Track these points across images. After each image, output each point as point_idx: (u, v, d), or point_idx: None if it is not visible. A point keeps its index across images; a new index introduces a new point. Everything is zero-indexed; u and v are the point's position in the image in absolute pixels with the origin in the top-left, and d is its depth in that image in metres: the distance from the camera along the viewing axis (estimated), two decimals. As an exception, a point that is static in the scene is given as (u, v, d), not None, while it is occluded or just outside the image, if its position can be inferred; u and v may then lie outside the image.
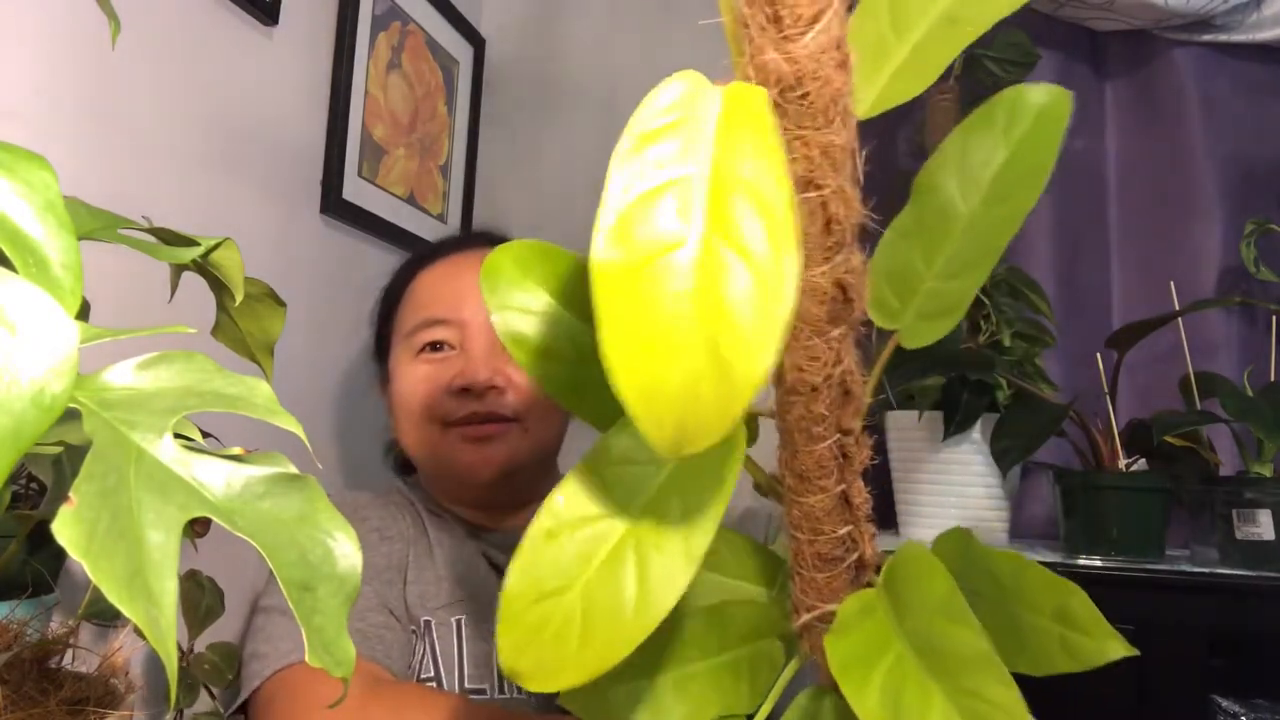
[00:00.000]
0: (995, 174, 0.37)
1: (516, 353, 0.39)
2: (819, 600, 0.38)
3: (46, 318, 0.24)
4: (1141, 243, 1.32)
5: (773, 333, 0.24)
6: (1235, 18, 1.24)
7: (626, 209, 0.25)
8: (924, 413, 1.08)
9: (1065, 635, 0.36)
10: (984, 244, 0.38)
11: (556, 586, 0.31)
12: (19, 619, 0.50)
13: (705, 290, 0.25)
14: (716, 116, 0.26)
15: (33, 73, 0.78)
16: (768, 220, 0.25)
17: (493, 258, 0.39)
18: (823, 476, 0.36)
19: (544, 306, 0.40)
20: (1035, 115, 0.38)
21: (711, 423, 0.25)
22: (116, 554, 0.24)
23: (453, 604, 0.88)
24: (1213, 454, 1.07)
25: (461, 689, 0.84)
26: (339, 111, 1.18)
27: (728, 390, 0.25)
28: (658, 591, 0.31)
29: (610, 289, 0.25)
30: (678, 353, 0.25)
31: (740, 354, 0.24)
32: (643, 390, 0.25)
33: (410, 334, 0.94)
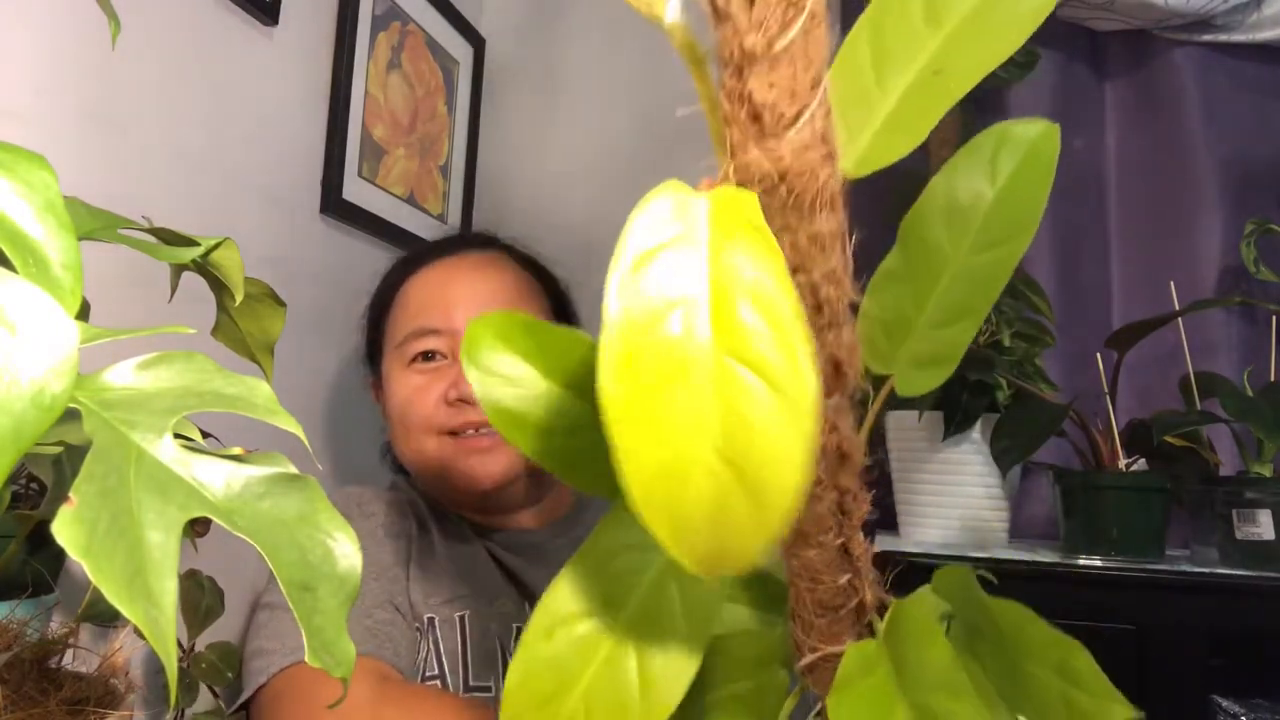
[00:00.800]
0: (984, 216, 0.36)
1: (500, 425, 0.38)
2: (820, 642, 0.38)
3: (46, 318, 0.24)
4: (1141, 243, 1.32)
5: (799, 446, 0.24)
6: (1235, 18, 1.24)
7: (631, 334, 0.24)
8: (924, 413, 1.08)
9: (1068, 692, 0.36)
10: (976, 290, 0.36)
11: (556, 689, 0.31)
12: (19, 619, 0.50)
13: (724, 411, 0.24)
14: (708, 226, 0.26)
15: (33, 73, 0.78)
16: (778, 331, 0.24)
17: (473, 328, 0.38)
18: (822, 532, 0.35)
19: (528, 377, 0.39)
20: (1024, 153, 0.36)
21: (747, 545, 0.24)
22: (116, 554, 0.24)
23: (456, 600, 0.88)
24: (1213, 454, 1.07)
25: (466, 687, 0.84)
26: (339, 111, 1.18)
27: (760, 511, 0.24)
28: (662, 688, 0.30)
29: (624, 418, 0.24)
30: (701, 478, 0.24)
31: (768, 472, 0.24)
32: (670, 520, 0.24)
33: (402, 343, 0.94)
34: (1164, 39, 1.29)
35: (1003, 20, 0.33)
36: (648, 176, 1.11)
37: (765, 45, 0.26)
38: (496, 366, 0.38)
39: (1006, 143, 0.36)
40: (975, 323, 0.37)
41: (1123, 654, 0.92)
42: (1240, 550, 0.98)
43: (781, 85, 0.27)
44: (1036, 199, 0.35)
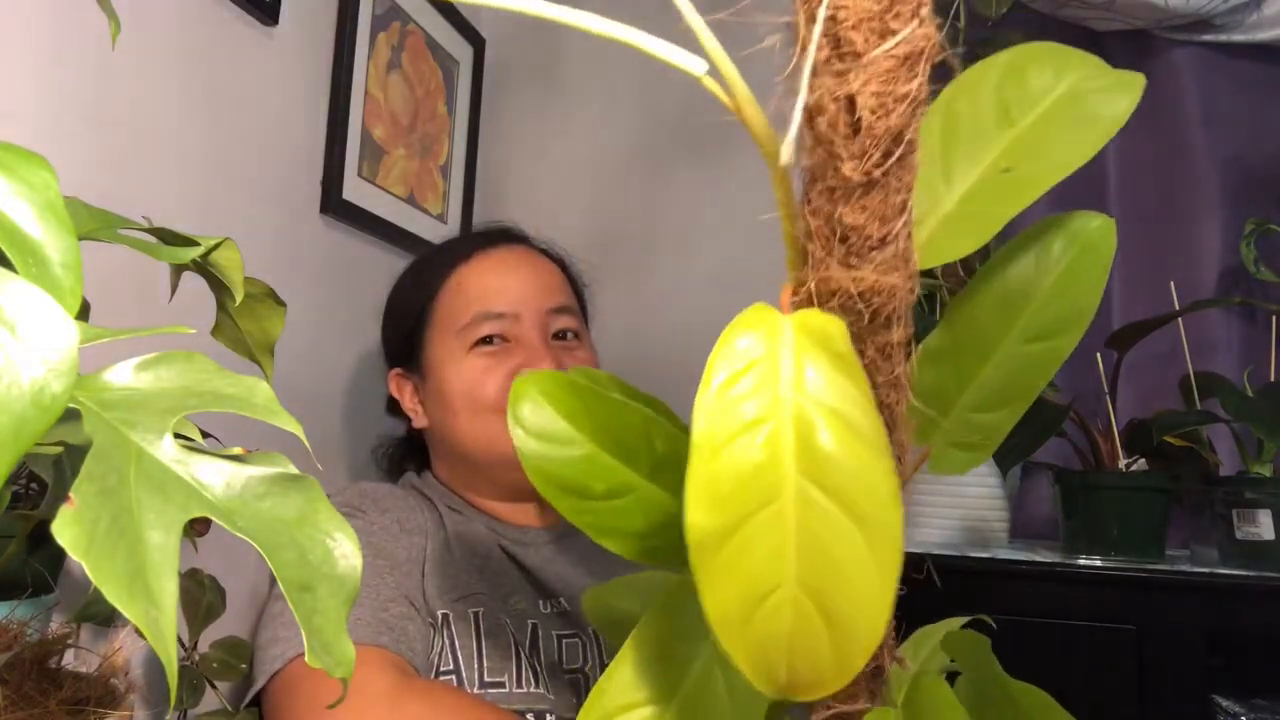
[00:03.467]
0: (1038, 306, 0.35)
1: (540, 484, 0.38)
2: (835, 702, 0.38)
3: (46, 318, 0.24)
4: (1141, 243, 1.32)
5: (883, 579, 0.23)
6: (1235, 18, 1.24)
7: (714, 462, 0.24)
8: (924, 413, 1.08)
9: None
10: (1022, 379, 0.36)
11: None
12: (19, 619, 0.50)
13: (805, 544, 0.24)
14: (793, 351, 0.25)
15: (33, 73, 0.78)
16: (860, 462, 0.24)
17: (519, 385, 0.39)
18: None
19: (570, 438, 0.39)
20: (1081, 245, 0.36)
21: (825, 675, 0.24)
22: (116, 554, 0.24)
23: (470, 596, 0.88)
24: (1213, 454, 1.07)
25: (480, 682, 0.84)
26: (339, 111, 1.18)
27: (840, 641, 0.24)
28: None
29: (708, 553, 0.24)
30: (783, 611, 0.24)
31: (849, 604, 0.24)
32: (750, 650, 0.24)
33: (463, 329, 0.95)
34: (1164, 39, 1.29)
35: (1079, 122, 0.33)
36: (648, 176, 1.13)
37: (864, 175, 0.26)
38: (540, 424, 0.39)
39: (1064, 233, 0.36)
40: (1017, 412, 0.36)
41: (1123, 654, 0.92)
42: (1240, 550, 0.98)
43: (872, 209, 0.27)
44: (1092, 292, 0.35)
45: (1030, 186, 0.32)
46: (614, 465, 0.38)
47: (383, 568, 0.84)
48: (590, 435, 0.39)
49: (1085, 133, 0.33)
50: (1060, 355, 0.35)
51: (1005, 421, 0.36)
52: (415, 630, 0.82)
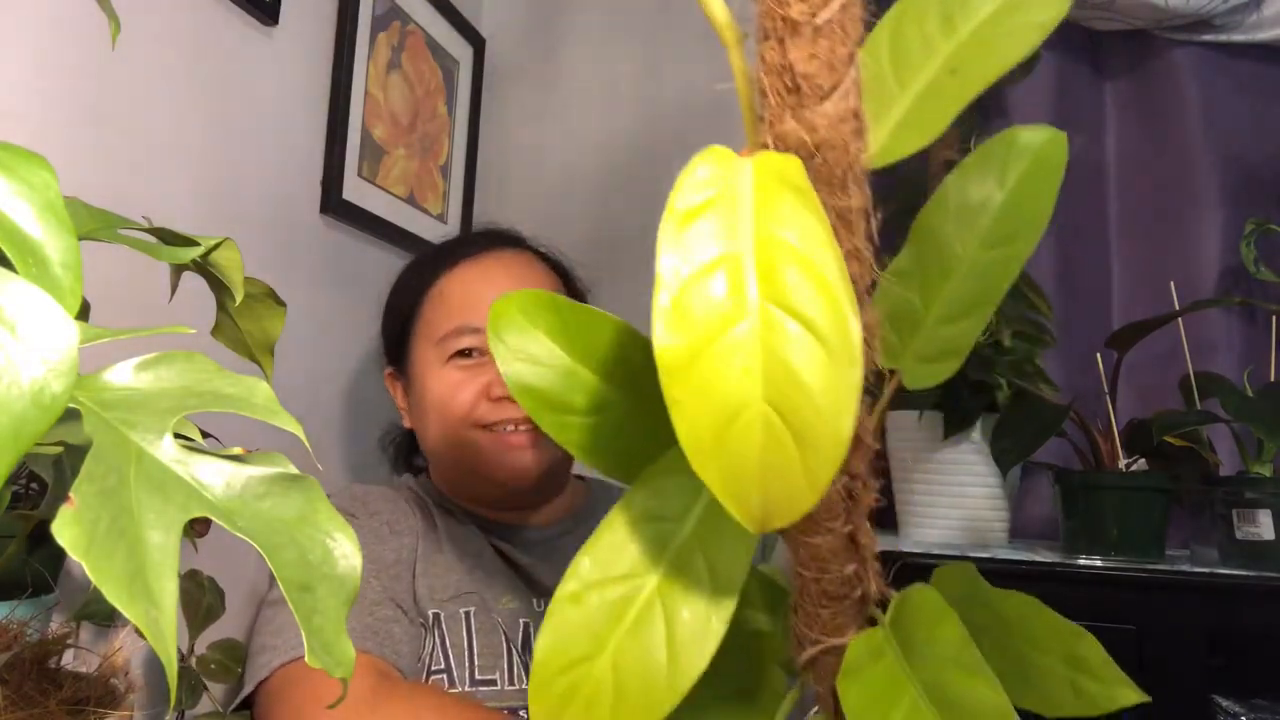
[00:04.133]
0: (994, 216, 0.37)
1: (525, 403, 0.38)
2: (823, 634, 0.38)
3: (46, 318, 0.24)
4: (1141, 243, 1.32)
5: (848, 396, 0.24)
6: (1235, 18, 1.24)
7: (680, 291, 0.25)
8: (924, 413, 1.08)
9: (1076, 680, 0.36)
10: (984, 286, 0.38)
11: (585, 652, 0.31)
12: (19, 619, 0.50)
13: (772, 363, 0.25)
14: (751, 188, 0.27)
15: (33, 73, 0.78)
16: (820, 284, 0.25)
17: (498, 307, 0.39)
18: (831, 519, 0.36)
19: (552, 358, 0.39)
20: (1032, 158, 0.38)
21: (796, 494, 0.25)
22: (116, 554, 0.24)
23: (462, 596, 0.88)
24: (1213, 454, 1.07)
25: (472, 681, 0.84)
26: (339, 111, 1.18)
27: (809, 459, 0.25)
28: (689, 654, 0.30)
29: (677, 375, 0.25)
30: (753, 430, 0.25)
31: (817, 420, 0.24)
32: (723, 471, 0.25)
33: (442, 340, 0.95)
34: (1164, 39, 1.29)
35: (1014, 28, 0.35)
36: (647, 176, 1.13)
37: (809, 16, 0.27)
38: (521, 344, 0.39)
39: (1015, 147, 0.38)
40: (982, 318, 0.38)
41: (1123, 654, 0.91)
42: (1240, 550, 0.98)
43: (821, 57, 0.28)
44: (1045, 200, 0.37)
45: (974, 83, 0.34)
46: (593, 380, 0.39)
47: (369, 572, 0.84)
48: (569, 350, 0.39)
49: (1021, 36, 0.35)
50: (1020, 259, 0.37)
51: (971, 330, 0.38)
52: (401, 633, 0.82)
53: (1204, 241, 1.26)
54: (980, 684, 0.32)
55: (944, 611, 0.35)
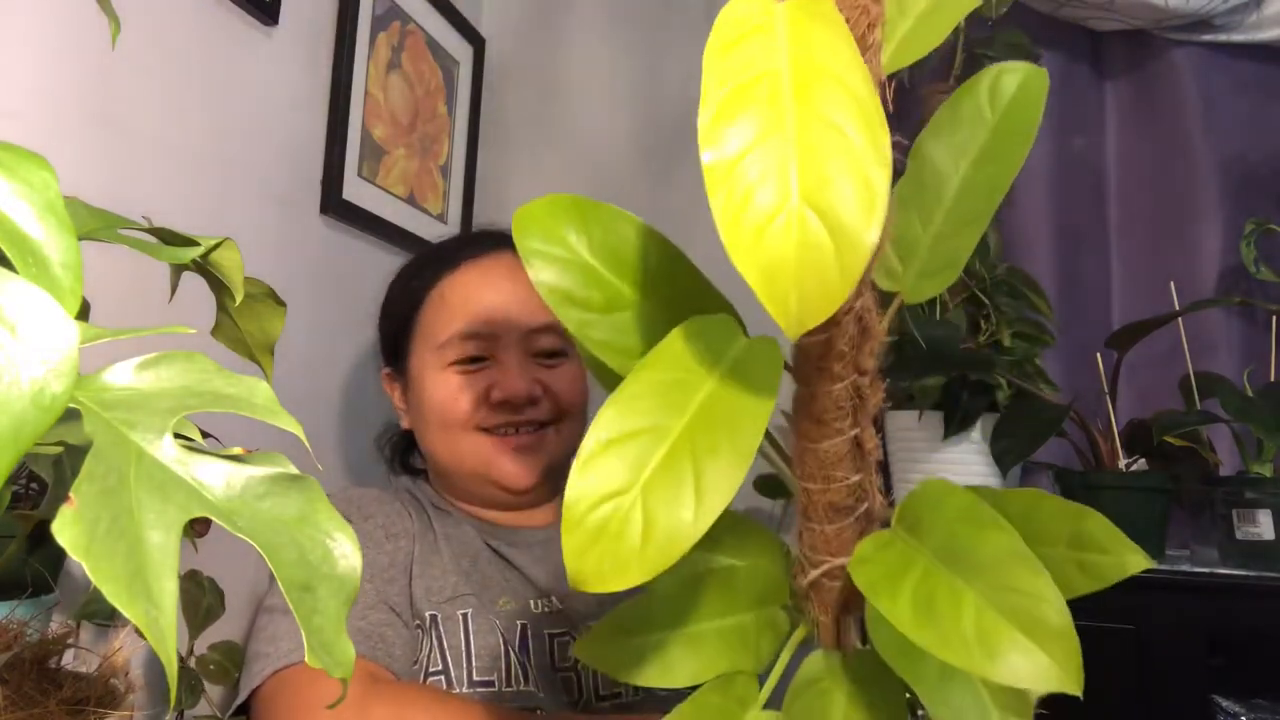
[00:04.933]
0: (984, 141, 0.41)
1: (548, 298, 0.40)
2: (828, 554, 0.39)
3: (46, 318, 0.24)
4: (1141, 243, 1.32)
5: (878, 193, 0.27)
6: (1235, 18, 1.24)
7: (722, 105, 0.28)
8: (924, 413, 1.08)
9: (1082, 558, 0.37)
10: (977, 202, 0.41)
11: (616, 488, 0.32)
12: (19, 619, 0.50)
13: (808, 166, 0.27)
14: (786, 18, 0.30)
15: (33, 73, 0.78)
16: (851, 97, 0.28)
17: (526, 208, 0.41)
18: (838, 419, 0.37)
19: (574, 257, 0.42)
20: (1017, 87, 0.41)
21: (832, 289, 0.27)
22: (116, 554, 0.24)
23: (458, 598, 0.88)
24: (1213, 454, 1.07)
25: (470, 682, 0.84)
26: (339, 111, 1.18)
27: (845, 255, 0.27)
28: (713, 489, 0.32)
29: (721, 181, 0.27)
30: (791, 228, 0.27)
31: (851, 218, 0.27)
32: (763, 269, 0.27)
33: (442, 345, 0.95)
34: (1164, 39, 1.29)
35: None
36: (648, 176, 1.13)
37: None
38: (544, 245, 0.42)
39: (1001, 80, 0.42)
40: (977, 232, 0.41)
41: (1123, 654, 0.92)
42: (1240, 550, 0.98)
43: None
44: (1029, 124, 0.41)
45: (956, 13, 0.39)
46: (609, 279, 0.42)
47: (362, 576, 0.84)
48: (588, 248, 0.42)
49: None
50: (1008, 176, 0.40)
51: (966, 245, 0.41)
52: (395, 636, 0.83)
53: (1204, 241, 1.26)
54: (992, 532, 0.33)
55: (949, 487, 0.36)
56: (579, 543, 0.32)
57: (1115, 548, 0.38)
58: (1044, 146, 1.33)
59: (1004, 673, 0.30)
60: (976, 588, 0.32)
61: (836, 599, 0.40)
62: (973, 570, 0.33)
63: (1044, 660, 0.30)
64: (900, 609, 0.32)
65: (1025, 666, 0.30)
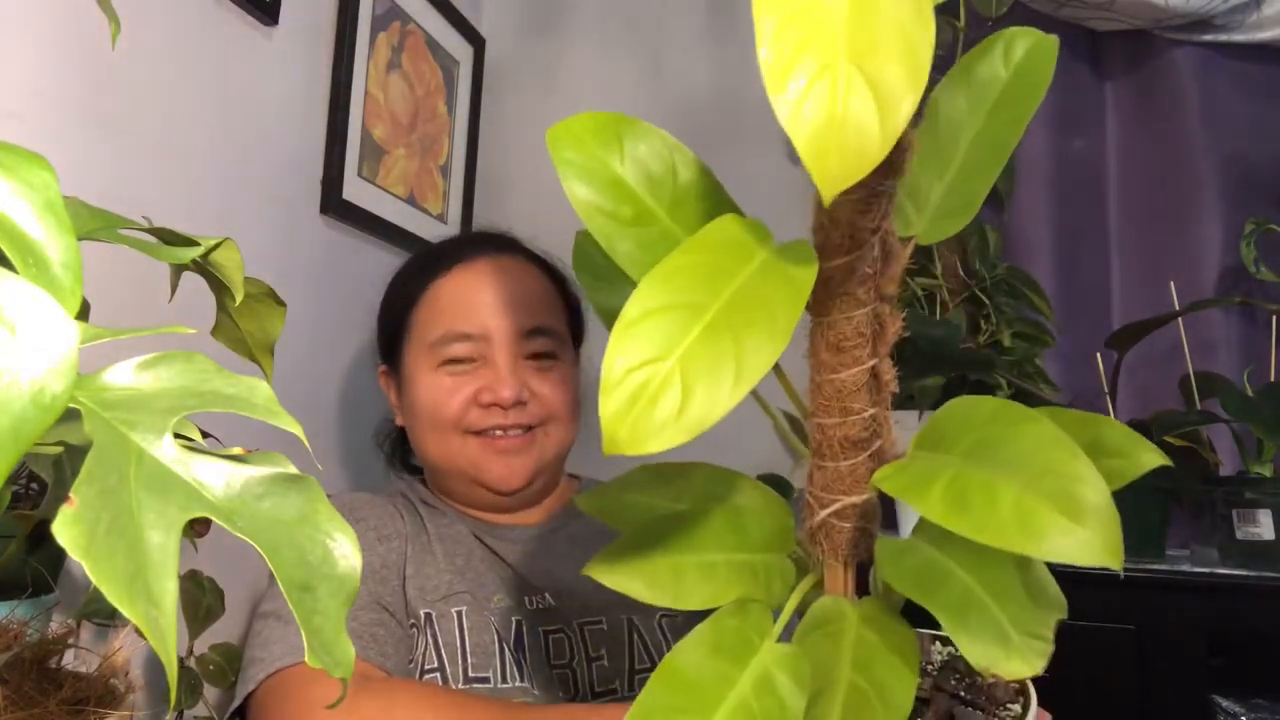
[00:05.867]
0: (999, 91, 0.43)
1: (579, 209, 0.41)
2: (840, 492, 0.39)
3: (46, 318, 0.24)
4: (1141, 243, 1.32)
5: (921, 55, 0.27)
6: (1235, 18, 1.24)
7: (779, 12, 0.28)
8: (924, 413, 1.08)
9: (1100, 463, 0.37)
10: (991, 150, 0.42)
11: (655, 354, 0.33)
12: (19, 619, 0.50)
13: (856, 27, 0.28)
14: None
15: (33, 73, 0.78)
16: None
17: (562, 124, 0.42)
18: (858, 347, 0.37)
19: (606, 170, 0.43)
20: (1030, 46, 0.44)
21: (872, 145, 0.28)
22: (116, 554, 0.24)
23: (452, 596, 0.89)
24: (1213, 454, 1.07)
25: (465, 679, 0.85)
26: (339, 111, 1.18)
27: (886, 116, 0.27)
28: (749, 362, 0.32)
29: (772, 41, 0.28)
30: (838, 88, 0.28)
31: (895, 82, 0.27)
32: (810, 126, 0.28)
33: (433, 345, 0.95)
34: (1164, 39, 1.29)
35: None
36: (648, 176, 1.06)
37: None
38: (575, 157, 0.42)
39: (1015, 39, 0.44)
40: (990, 178, 0.42)
41: (1123, 654, 0.92)
42: (1240, 550, 0.98)
43: None
44: (1042, 77, 0.43)
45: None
46: (639, 194, 0.43)
47: None
48: (620, 161, 0.43)
49: None
50: (1023, 121, 0.42)
51: (981, 189, 0.42)
52: (388, 635, 0.83)
53: (1204, 241, 1.26)
54: (1026, 425, 0.33)
55: (976, 399, 0.36)
56: (616, 406, 0.32)
57: (1131, 450, 0.38)
58: (1044, 146, 1.33)
59: (1046, 550, 0.30)
60: (1014, 479, 0.32)
61: (847, 541, 0.40)
62: (1008, 464, 0.33)
63: (1084, 535, 0.31)
64: (931, 505, 0.32)
65: (1066, 544, 0.30)
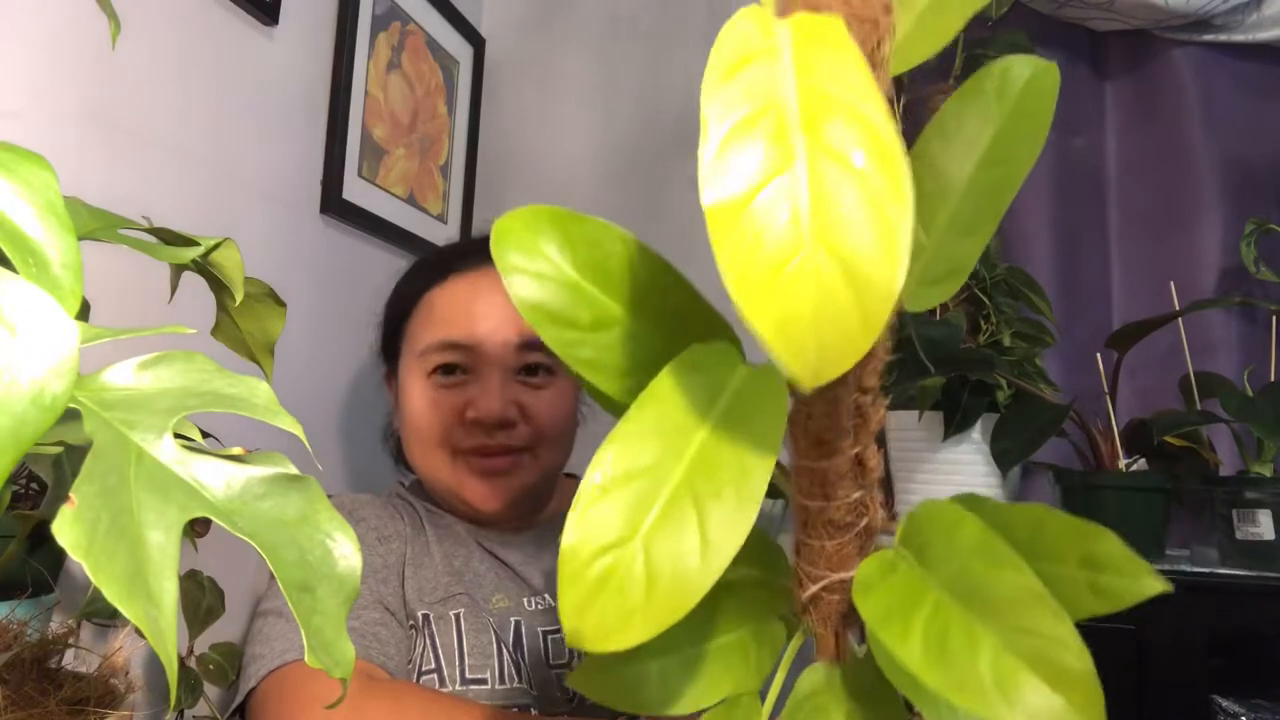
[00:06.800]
0: (991, 139, 0.39)
1: (529, 317, 0.38)
2: (828, 569, 0.38)
3: (47, 318, 0.24)
4: (1141, 243, 1.32)
5: (899, 235, 0.25)
6: (1235, 18, 1.24)
7: (724, 143, 0.26)
8: (924, 413, 1.08)
9: (1094, 579, 0.35)
10: (983, 207, 0.38)
11: (616, 538, 0.30)
12: (19, 619, 0.50)
13: (821, 206, 0.25)
14: (791, 43, 0.27)
15: (33, 73, 0.78)
16: (867, 130, 0.26)
17: (504, 221, 0.38)
18: (839, 438, 0.35)
19: (557, 273, 0.39)
20: (1026, 83, 0.39)
21: (854, 339, 0.25)
22: (116, 554, 0.24)
23: (450, 598, 0.89)
24: (1213, 454, 1.07)
25: (463, 680, 0.85)
26: (339, 111, 1.18)
27: (867, 300, 0.25)
28: (720, 537, 0.30)
29: (726, 226, 0.25)
30: (806, 274, 0.25)
31: (871, 263, 0.25)
32: (777, 321, 0.25)
33: (423, 353, 0.94)
34: (1164, 39, 1.29)
35: None
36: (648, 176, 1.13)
37: None
38: (524, 260, 0.38)
39: (1010, 75, 0.39)
40: (984, 237, 0.39)
41: (1123, 654, 0.92)
42: (1240, 550, 0.98)
43: None
44: (1041, 122, 0.38)
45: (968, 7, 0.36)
46: (597, 295, 0.39)
47: None
48: (574, 264, 0.39)
49: None
50: (1018, 177, 0.38)
51: (973, 250, 0.39)
52: (389, 635, 0.83)
53: (1204, 241, 1.26)
54: (1009, 571, 0.32)
55: (958, 514, 0.34)
56: (577, 600, 0.30)
57: (1131, 570, 0.35)
58: (1044, 147, 1.33)
59: (1025, 717, 0.28)
60: (993, 628, 0.30)
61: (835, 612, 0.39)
62: (989, 610, 0.31)
63: (1064, 706, 0.28)
64: (911, 648, 0.31)
65: (1046, 709, 0.28)
